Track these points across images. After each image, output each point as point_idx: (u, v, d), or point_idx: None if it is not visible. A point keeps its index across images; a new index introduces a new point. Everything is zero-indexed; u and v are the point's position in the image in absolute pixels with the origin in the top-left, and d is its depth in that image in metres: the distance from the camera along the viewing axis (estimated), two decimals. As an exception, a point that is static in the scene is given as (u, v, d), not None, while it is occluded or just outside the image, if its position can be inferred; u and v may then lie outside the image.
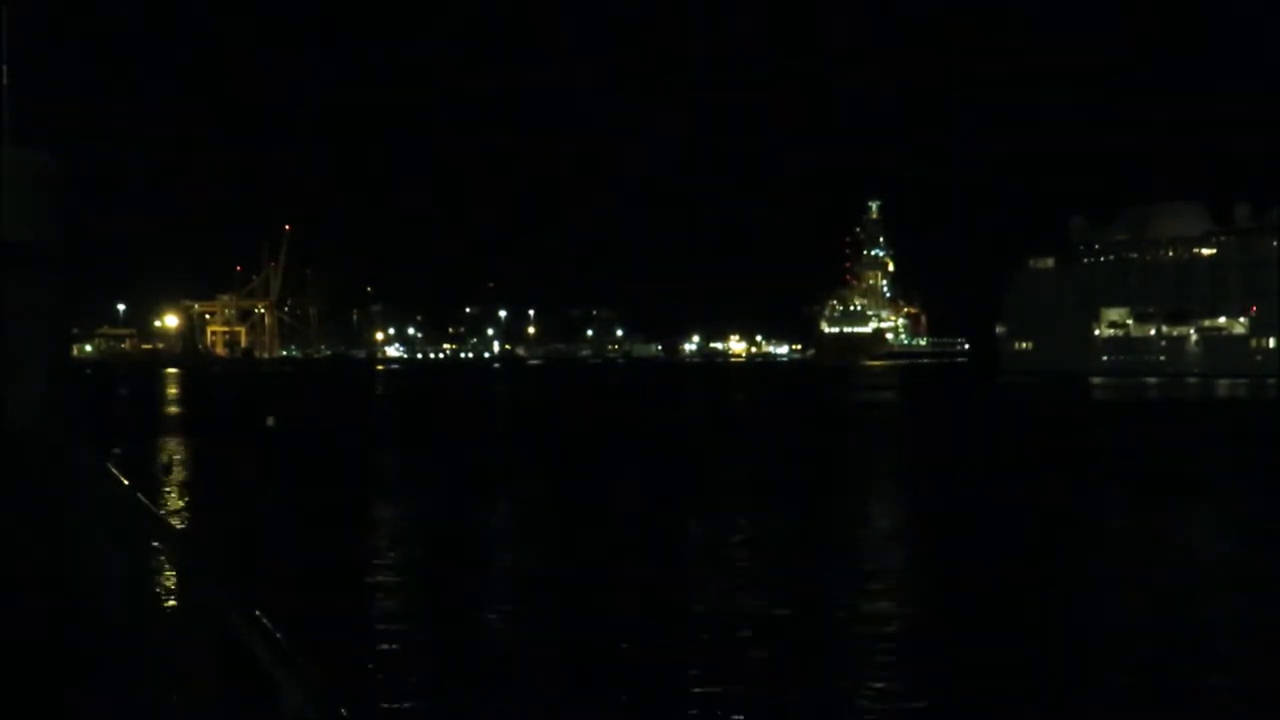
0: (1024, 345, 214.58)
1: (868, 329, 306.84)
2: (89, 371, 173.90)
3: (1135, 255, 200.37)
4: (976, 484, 40.54)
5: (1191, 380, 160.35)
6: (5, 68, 14.33)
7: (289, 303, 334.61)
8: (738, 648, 17.85)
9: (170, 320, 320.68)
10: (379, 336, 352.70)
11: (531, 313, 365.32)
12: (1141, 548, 27.94)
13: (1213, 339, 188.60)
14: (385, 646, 18.04)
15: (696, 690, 15.64)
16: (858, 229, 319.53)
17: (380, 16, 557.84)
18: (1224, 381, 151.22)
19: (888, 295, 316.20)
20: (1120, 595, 22.52)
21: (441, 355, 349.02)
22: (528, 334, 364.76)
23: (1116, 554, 27.39)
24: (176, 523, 26.70)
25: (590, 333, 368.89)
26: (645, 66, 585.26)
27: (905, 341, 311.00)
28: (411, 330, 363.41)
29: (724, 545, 27.54)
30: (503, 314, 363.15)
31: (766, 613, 20.37)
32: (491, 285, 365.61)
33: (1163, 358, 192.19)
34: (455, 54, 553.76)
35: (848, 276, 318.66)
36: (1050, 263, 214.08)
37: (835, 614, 20.44)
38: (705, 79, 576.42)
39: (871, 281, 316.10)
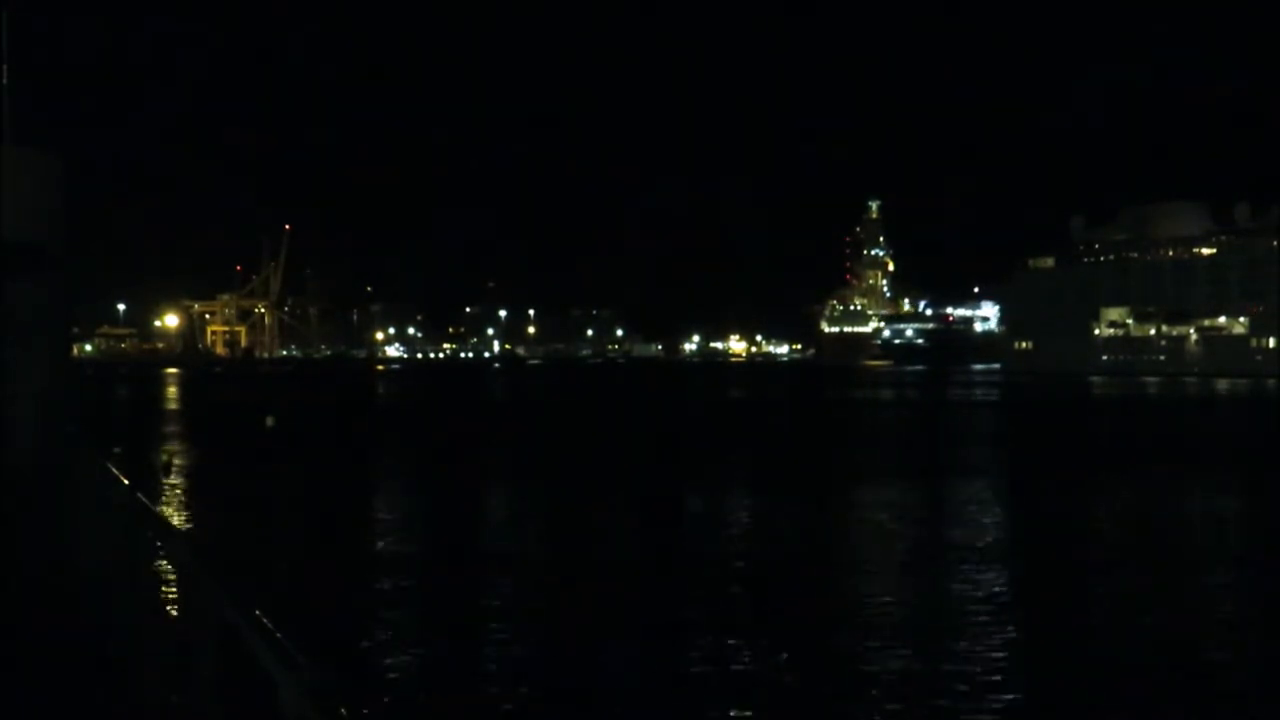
0: (1024, 345, 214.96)
1: (868, 329, 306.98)
2: (89, 371, 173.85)
3: (1135, 255, 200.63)
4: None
5: (1191, 380, 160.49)
6: (5, 67, 14.34)
7: (289, 303, 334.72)
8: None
9: (170, 320, 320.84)
10: (379, 336, 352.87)
11: (531, 313, 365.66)
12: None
13: (1213, 339, 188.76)
14: (384, 646, 18.05)
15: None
16: (858, 229, 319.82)
17: (379, 17, 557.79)
18: (1223, 381, 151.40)
19: (888, 295, 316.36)
20: None
21: (441, 355, 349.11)
22: (528, 334, 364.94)
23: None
24: (176, 521, 26.71)
25: (590, 333, 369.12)
26: (644, 67, 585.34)
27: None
28: (411, 330, 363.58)
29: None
30: (503, 314, 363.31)
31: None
32: (491, 285, 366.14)
33: (1163, 357, 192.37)
34: (454, 55, 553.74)
35: (848, 276, 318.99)
36: (1050, 263, 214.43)
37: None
38: (705, 78, 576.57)
39: (871, 281, 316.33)
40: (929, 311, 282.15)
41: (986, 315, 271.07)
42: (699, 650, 17.51)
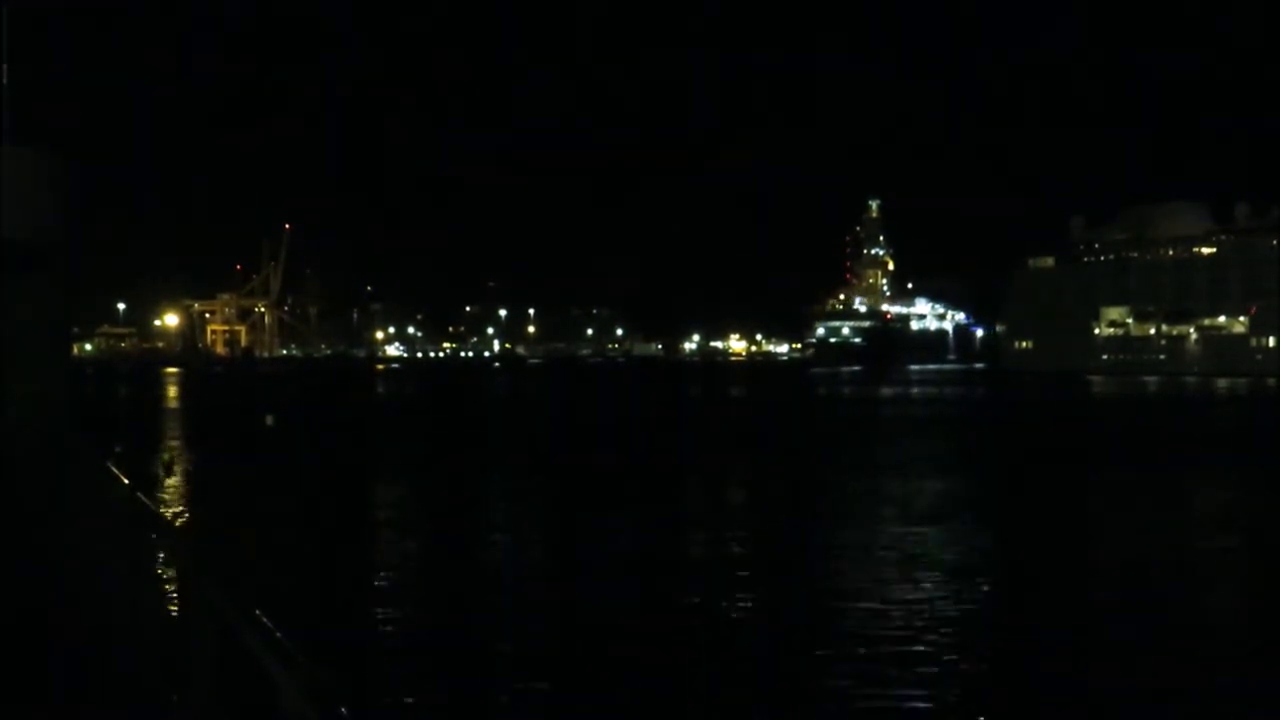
0: (1024, 344, 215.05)
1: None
2: (89, 371, 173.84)
3: (1135, 255, 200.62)
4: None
5: (1191, 379, 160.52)
6: (5, 67, 14.34)
7: (289, 302, 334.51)
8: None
9: (170, 320, 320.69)
10: (379, 336, 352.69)
11: (531, 312, 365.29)
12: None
13: (1213, 338, 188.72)
14: (384, 646, 18.05)
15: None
16: (858, 228, 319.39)
17: (378, 15, 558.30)
18: (1223, 380, 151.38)
19: (888, 295, 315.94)
20: None
21: (441, 355, 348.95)
22: (528, 334, 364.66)
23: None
24: (176, 521, 26.71)
25: (590, 332, 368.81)
26: (643, 67, 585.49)
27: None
28: (411, 330, 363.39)
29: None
30: (503, 314, 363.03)
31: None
32: (491, 285, 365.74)
33: (1163, 357, 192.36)
34: (454, 55, 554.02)
35: (848, 276, 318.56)
36: (1050, 263, 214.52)
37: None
38: (704, 78, 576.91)
39: (871, 281, 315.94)
40: (864, 309, 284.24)
41: (923, 313, 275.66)
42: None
